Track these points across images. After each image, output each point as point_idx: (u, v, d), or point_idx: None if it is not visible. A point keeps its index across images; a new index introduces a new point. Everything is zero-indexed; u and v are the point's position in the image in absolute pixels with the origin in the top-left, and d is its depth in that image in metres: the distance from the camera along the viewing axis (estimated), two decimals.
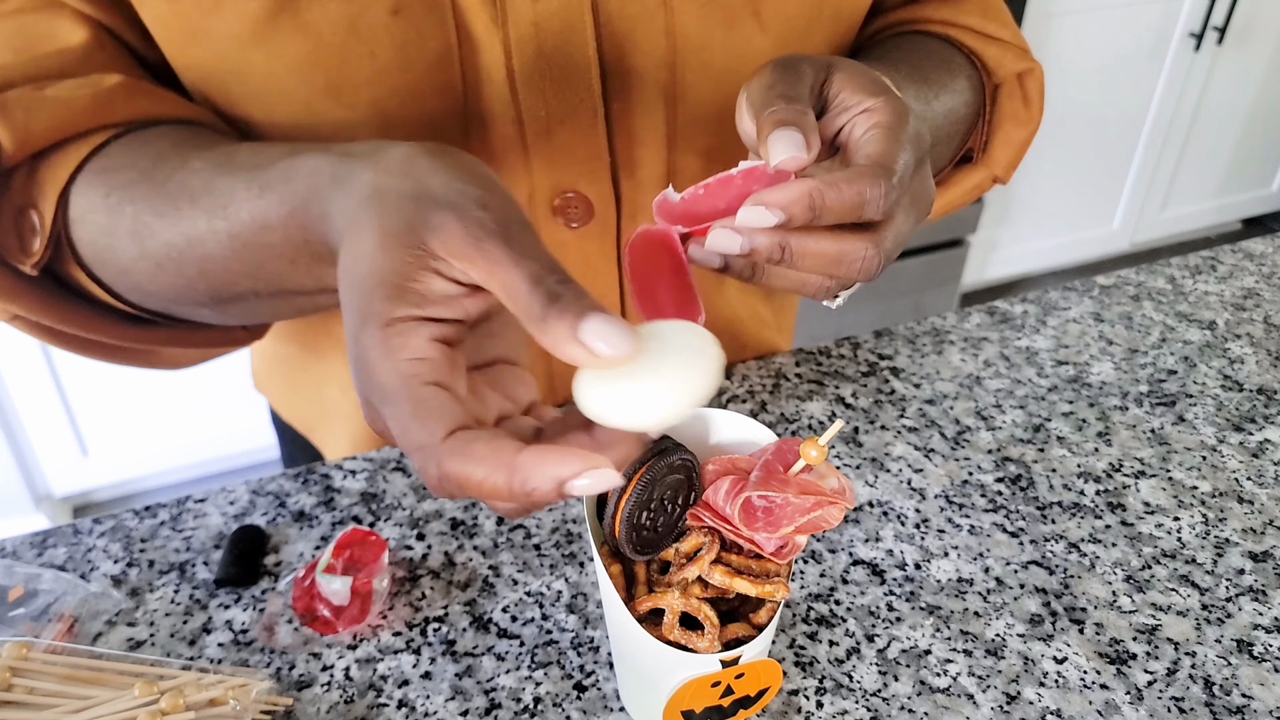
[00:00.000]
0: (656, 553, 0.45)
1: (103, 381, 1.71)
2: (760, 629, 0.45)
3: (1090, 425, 0.69)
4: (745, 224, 0.39)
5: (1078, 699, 0.50)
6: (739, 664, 0.44)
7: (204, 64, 0.50)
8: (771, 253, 0.40)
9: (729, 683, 0.44)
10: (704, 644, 0.43)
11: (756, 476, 0.43)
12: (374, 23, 0.48)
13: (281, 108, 0.51)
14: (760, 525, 0.42)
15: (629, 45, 0.53)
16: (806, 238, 0.40)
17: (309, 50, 0.48)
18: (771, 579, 0.44)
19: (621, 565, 0.46)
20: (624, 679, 0.50)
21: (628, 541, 0.44)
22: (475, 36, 0.50)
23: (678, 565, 0.45)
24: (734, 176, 0.41)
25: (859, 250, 0.41)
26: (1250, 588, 0.57)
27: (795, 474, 0.43)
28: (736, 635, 0.45)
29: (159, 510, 0.61)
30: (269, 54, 0.48)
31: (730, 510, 0.43)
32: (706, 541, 0.45)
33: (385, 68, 0.49)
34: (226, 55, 0.49)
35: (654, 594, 0.44)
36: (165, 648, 0.52)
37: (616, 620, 0.45)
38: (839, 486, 0.43)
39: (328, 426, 0.74)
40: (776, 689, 0.47)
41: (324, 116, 0.51)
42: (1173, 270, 0.88)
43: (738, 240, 0.40)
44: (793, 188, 0.39)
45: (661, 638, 0.43)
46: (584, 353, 0.32)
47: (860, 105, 0.42)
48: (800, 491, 0.42)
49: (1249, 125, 2.56)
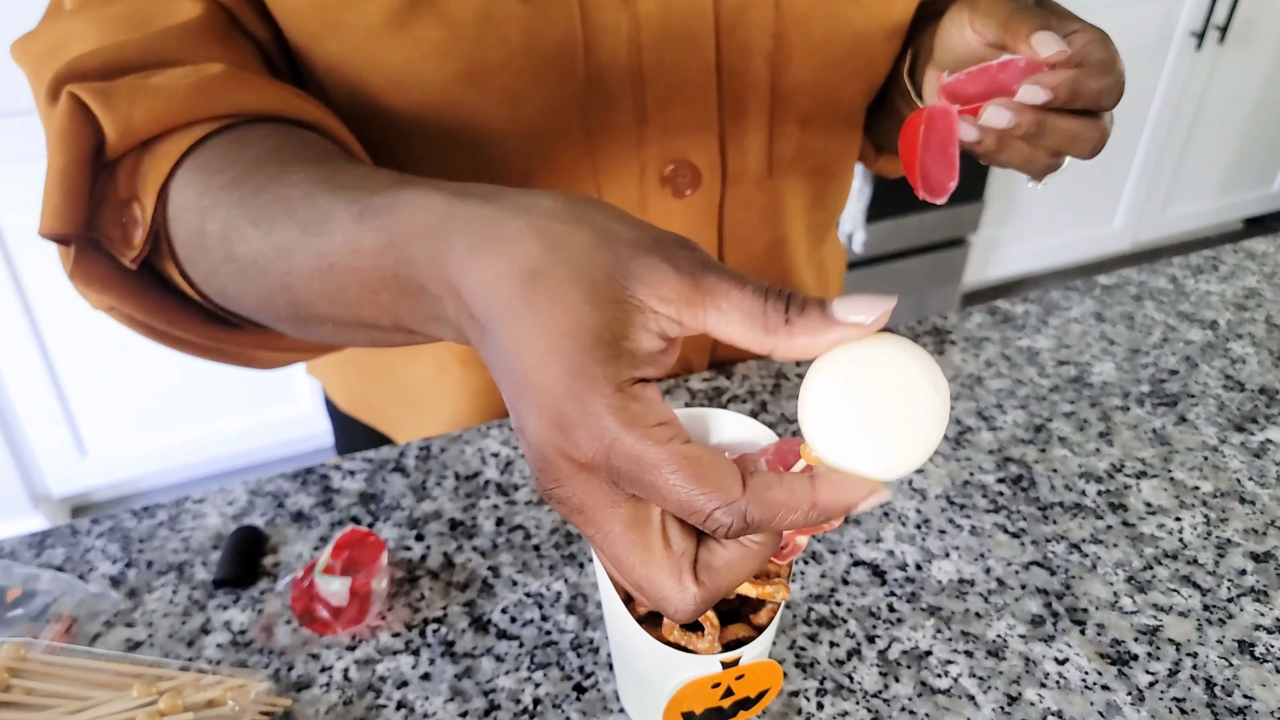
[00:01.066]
0: None
1: (101, 382, 1.71)
2: (761, 630, 0.44)
3: (1092, 425, 0.69)
4: (1024, 99, 0.48)
5: (1079, 700, 0.50)
6: (739, 665, 0.43)
7: (339, 54, 0.52)
8: (1030, 128, 0.49)
9: (729, 684, 0.44)
10: (704, 645, 0.43)
11: None
12: (506, 10, 0.51)
13: (415, 94, 0.53)
14: None
15: (743, 18, 0.57)
16: (1057, 117, 0.49)
17: (445, 38, 0.51)
18: (772, 580, 0.44)
19: None
20: (624, 680, 0.50)
21: None
22: (602, 15, 0.54)
23: None
24: (990, 67, 0.50)
25: (1091, 130, 0.50)
26: (1252, 588, 0.57)
27: None
28: (737, 636, 0.44)
29: (157, 511, 0.61)
30: (407, 42, 0.51)
31: None
32: None
33: (515, 52, 0.52)
34: (364, 45, 0.51)
35: None
36: (164, 648, 0.52)
37: (616, 621, 0.45)
38: None
39: (415, 409, 0.73)
40: (777, 690, 0.47)
41: (457, 100, 0.54)
42: (1174, 270, 0.87)
43: (1008, 115, 0.48)
44: (1060, 75, 0.48)
45: (661, 639, 0.43)
46: (846, 331, 0.31)
47: (1070, 27, 0.50)
48: None
49: (1250, 124, 2.56)
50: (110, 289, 0.49)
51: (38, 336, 1.62)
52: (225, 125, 0.47)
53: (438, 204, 0.34)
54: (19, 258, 1.55)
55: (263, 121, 0.48)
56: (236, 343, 0.53)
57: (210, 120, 0.46)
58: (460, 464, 0.64)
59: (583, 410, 0.30)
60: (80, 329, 1.65)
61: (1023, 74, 0.49)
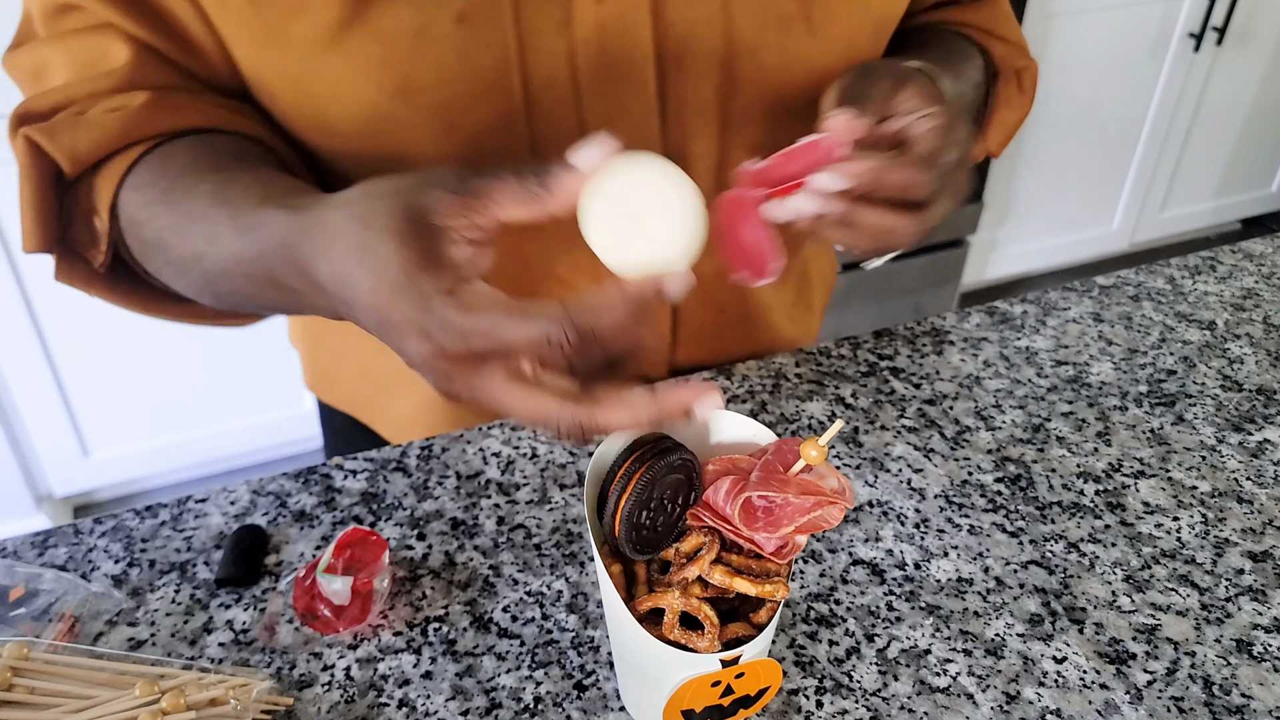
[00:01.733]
0: (656, 552, 0.45)
1: (103, 382, 1.71)
2: (760, 628, 0.45)
3: (1090, 425, 0.69)
4: (819, 187, 0.47)
5: (1077, 699, 0.51)
6: (739, 664, 0.44)
7: (278, 66, 0.54)
8: (838, 216, 0.48)
9: (729, 682, 0.45)
10: (704, 644, 0.44)
11: (756, 476, 0.44)
12: (440, 31, 0.52)
13: (353, 108, 0.55)
14: (760, 525, 0.43)
15: (688, 46, 0.57)
16: (867, 209, 0.48)
17: (380, 55, 0.52)
18: (771, 579, 0.44)
19: (622, 565, 0.46)
20: (624, 678, 0.50)
21: (628, 541, 0.44)
22: (538, 40, 0.54)
23: (678, 565, 0.45)
24: (796, 150, 0.49)
25: (905, 225, 0.49)
26: (1250, 587, 0.57)
27: (795, 474, 0.44)
28: (736, 635, 0.45)
29: (160, 510, 0.61)
30: (342, 57, 0.52)
31: (730, 510, 0.43)
32: (706, 541, 0.45)
33: (450, 73, 0.53)
34: (302, 58, 0.53)
35: (654, 594, 0.44)
36: (166, 647, 0.53)
37: (617, 619, 0.46)
38: (839, 486, 0.44)
39: (384, 393, 0.77)
40: (776, 688, 0.47)
41: (391, 116, 0.55)
42: (1172, 270, 0.88)
43: (815, 204, 0.47)
44: (861, 162, 0.47)
45: (661, 637, 0.44)
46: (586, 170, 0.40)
47: (924, 111, 0.50)
48: (800, 492, 0.42)
49: (1248, 125, 2.56)
50: (92, 285, 0.58)
51: (40, 337, 1.62)
52: (158, 143, 0.55)
53: (283, 221, 0.45)
54: (21, 258, 1.55)
55: (192, 134, 0.56)
56: (202, 316, 0.62)
57: (144, 141, 0.55)
58: (462, 463, 0.64)
59: (432, 318, 0.39)
60: (83, 329, 1.65)
61: (827, 158, 0.47)
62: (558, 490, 0.62)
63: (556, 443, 0.40)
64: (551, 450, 0.65)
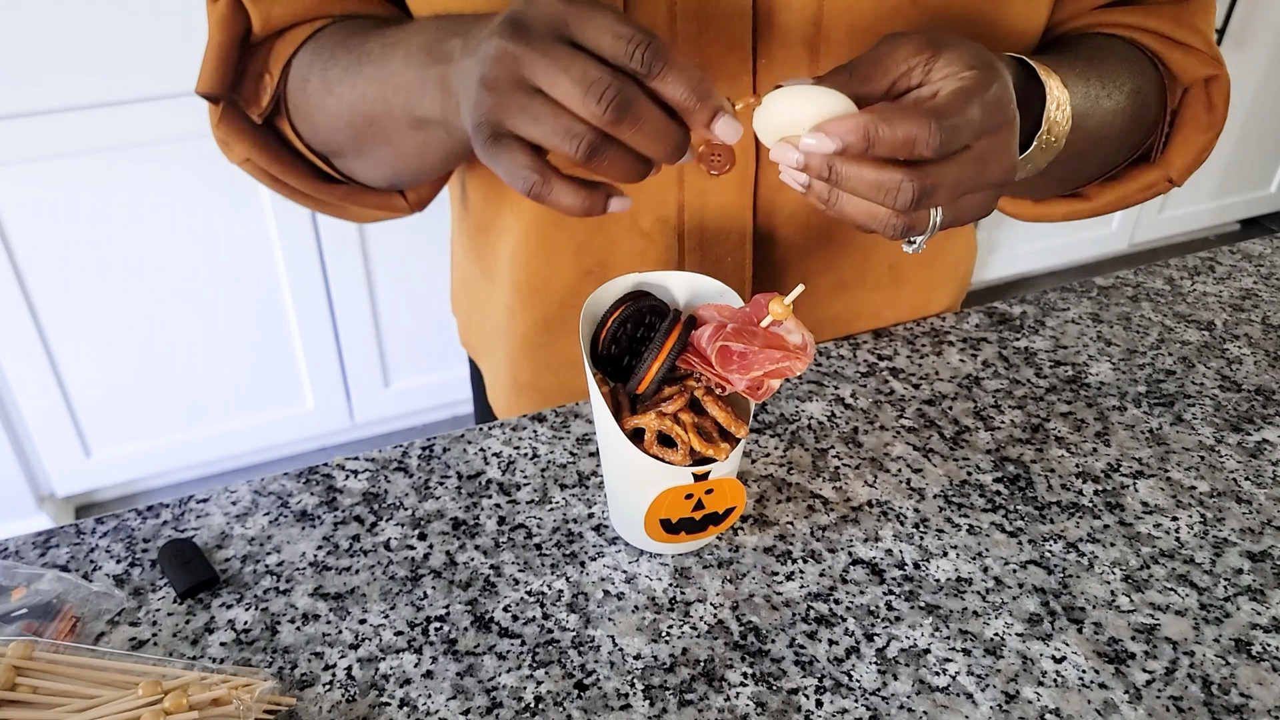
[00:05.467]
0: (634, 380, 0.54)
1: (105, 382, 1.72)
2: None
3: (1089, 425, 0.69)
4: (808, 149, 0.45)
5: (1076, 698, 0.51)
6: (708, 480, 0.51)
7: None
8: (820, 170, 0.45)
9: (700, 496, 0.52)
10: (678, 457, 0.52)
11: (732, 327, 0.52)
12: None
13: None
14: (735, 368, 0.51)
15: (781, 1, 0.58)
16: (852, 164, 0.45)
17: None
18: (734, 421, 0.53)
19: (610, 393, 0.54)
20: (614, 502, 0.58)
21: (611, 343, 0.55)
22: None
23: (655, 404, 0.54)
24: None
25: (894, 180, 0.44)
26: (1248, 587, 0.57)
27: (766, 326, 0.52)
28: (705, 454, 0.52)
29: (161, 510, 0.61)
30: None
31: (710, 352, 0.51)
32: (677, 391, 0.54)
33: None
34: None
35: (636, 415, 0.53)
36: (168, 647, 0.53)
37: (606, 433, 0.53)
38: (802, 342, 0.52)
39: (489, 347, 0.84)
40: (741, 508, 0.54)
41: None
42: (1171, 271, 0.88)
43: (794, 154, 0.45)
44: (852, 120, 0.44)
45: (644, 450, 0.52)
46: None
47: (957, 74, 0.46)
48: (766, 344, 0.51)
49: (1247, 126, 2.56)
50: (244, 139, 0.66)
51: (42, 337, 1.63)
52: (334, 20, 0.64)
53: (439, 28, 0.53)
54: (23, 259, 1.55)
55: (360, 18, 0.65)
56: (331, 193, 0.70)
57: (325, 17, 0.64)
58: (463, 464, 0.64)
59: None
60: (84, 329, 1.65)
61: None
62: (558, 490, 0.62)
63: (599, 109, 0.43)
64: (552, 450, 0.65)
